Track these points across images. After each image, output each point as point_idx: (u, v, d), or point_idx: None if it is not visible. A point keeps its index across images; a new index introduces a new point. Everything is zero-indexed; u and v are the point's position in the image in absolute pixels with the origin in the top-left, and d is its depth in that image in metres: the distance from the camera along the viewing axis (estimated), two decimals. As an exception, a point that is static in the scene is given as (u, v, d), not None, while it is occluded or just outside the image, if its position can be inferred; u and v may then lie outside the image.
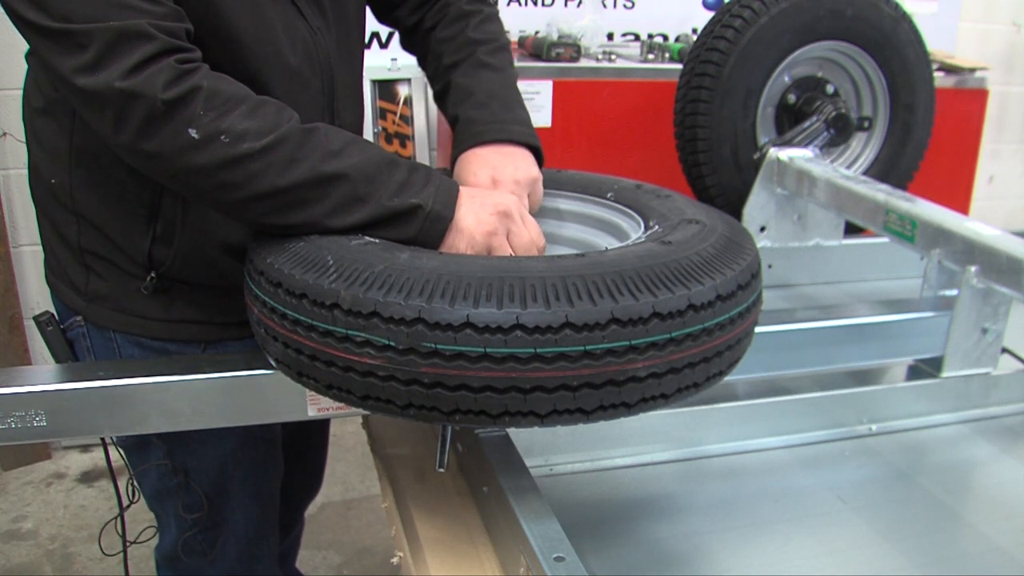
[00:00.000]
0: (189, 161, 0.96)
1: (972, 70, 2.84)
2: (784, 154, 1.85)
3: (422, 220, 1.02)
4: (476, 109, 1.27)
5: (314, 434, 1.75)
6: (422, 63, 1.44)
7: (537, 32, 2.76)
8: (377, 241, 0.99)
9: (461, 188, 1.07)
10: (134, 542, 1.42)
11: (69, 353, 1.26)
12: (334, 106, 1.26)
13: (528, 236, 1.09)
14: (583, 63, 2.56)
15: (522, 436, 1.16)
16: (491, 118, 1.25)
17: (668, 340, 0.88)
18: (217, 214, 1.18)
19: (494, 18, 1.39)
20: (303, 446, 1.71)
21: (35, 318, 1.25)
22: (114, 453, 1.36)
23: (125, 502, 1.37)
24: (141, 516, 1.44)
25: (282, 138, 0.98)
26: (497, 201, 1.08)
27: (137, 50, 0.94)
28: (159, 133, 0.95)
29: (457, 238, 1.04)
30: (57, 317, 1.29)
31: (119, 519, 1.38)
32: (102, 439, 1.25)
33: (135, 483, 1.37)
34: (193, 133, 0.95)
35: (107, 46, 0.94)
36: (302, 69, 1.18)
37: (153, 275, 1.20)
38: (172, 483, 1.33)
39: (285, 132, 0.98)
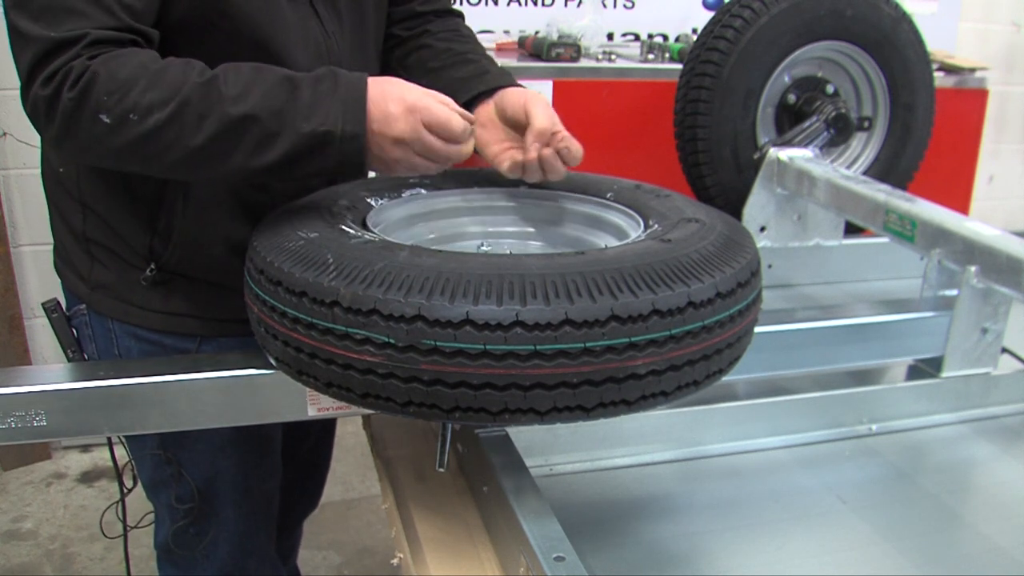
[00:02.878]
0: (110, 144, 1.01)
1: (972, 70, 2.84)
2: (784, 154, 1.85)
3: (337, 144, 1.03)
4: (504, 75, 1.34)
5: (317, 450, 1.76)
6: (410, 55, 1.45)
7: (537, 32, 2.76)
8: (376, 239, 0.99)
9: (369, 89, 1.05)
10: (134, 527, 1.43)
11: (72, 340, 1.28)
12: None
13: (443, 119, 1.07)
14: (583, 63, 2.55)
15: (522, 436, 1.16)
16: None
17: (668, 337, 0.88)
18: (216, 213, 1.20)
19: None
20: (305, 459, 1.72)
21: (43, 304, 1.28)
22: (118, 446, 1.38)
23: (125, 490, 1.39)
24: (143, 509, 1.45)
25: (185, 100, 1.00)
26: (404, 98, 1.06)
27: (60, 59, 0.99)
28: (78, 127, 1.00)
29: (376, 150, 1.05)
30: (65, 304, 1.30)
31: (120, 504, 1.40)
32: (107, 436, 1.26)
33: (134, 470, 1.39)
34: (105, 118, 0.99)
35: (42, 53, 0.99)
36: (312, 70, 1.19)
37: (153, 267, 1.22)
38: (165, 474, 1.34)
39: (186, 93, 1.00)
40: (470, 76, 1.33)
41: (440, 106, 1.07)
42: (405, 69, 1.43)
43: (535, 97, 1.25)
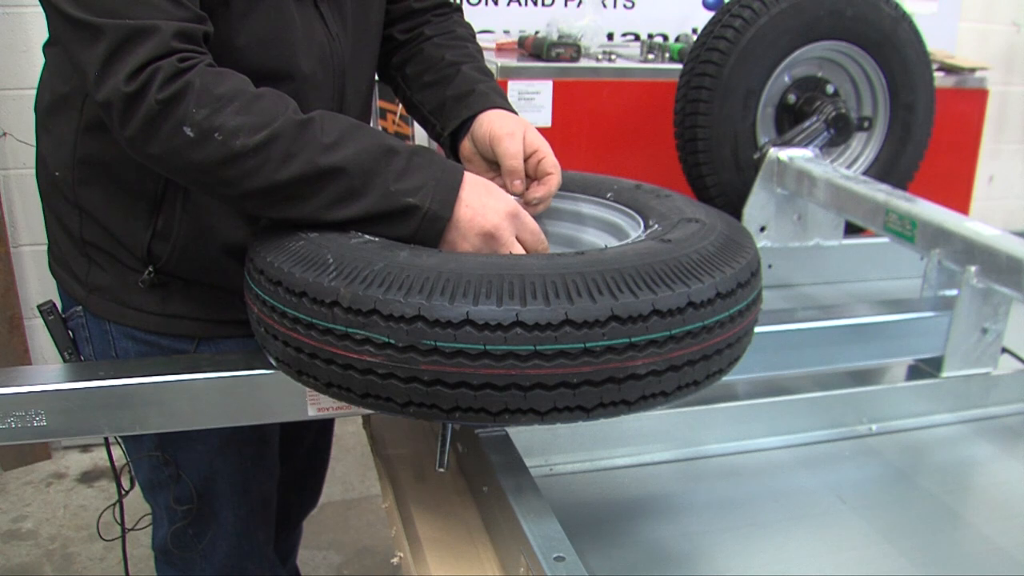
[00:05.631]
0: (188, 158, 0.98)
1: (972, 70, 2.84)
2: (784, 154, 1.85)
3: (419, 220, 1.01)
4: (500, 96, 1.30)
5: (316, 450, 1.76)
6: (408, 64, 1.43)
7: (537, 32, 2.76)
8: (376, 239, 0.99)
9: (465, 178, 1.05)
10: (132, 528, 1.43)
11: (69, 342, 1.28)
12: (343, 111, 1.26)
13: (537, 233, 1.08)
14: (583, 63, 2.55)
15: (522, 436, 1.16)
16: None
17: (668, 338, 0.88)
18: (216, 214, 1.19)
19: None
20: (304, 459, 1.72)
21: (38, 307, 1.27)
22: (115, 446, 1.37)
23: (123, 492, 1.39)
24: (141, 510, 1.45)
25: (277, 134, 0.97)
26: (507, 199, 1.06)
27: (142, 49, 0.95)
28: (158, 133, 0.97)
29: (455, 235, 1.03)
30: (61, 306, 1.30)
31: (118, 505, 1.39)
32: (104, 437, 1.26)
33: (132, 471, 1.38)
34: (188, 131, 0.96)
35: (118, 43, 0.95)
36: (315, 73, 1.19)
37: (151, 269, 1.21)
38: (163, 475, 1.34)
39: (279, 127, 0.98)
40: (458, 96, 1.31)
41: (533, 221, 1.08)
42: (404, 80, 1.42)
43: (502, 128, 1.21)
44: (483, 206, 1.04)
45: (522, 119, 1.24)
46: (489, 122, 1.23)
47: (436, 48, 1.39)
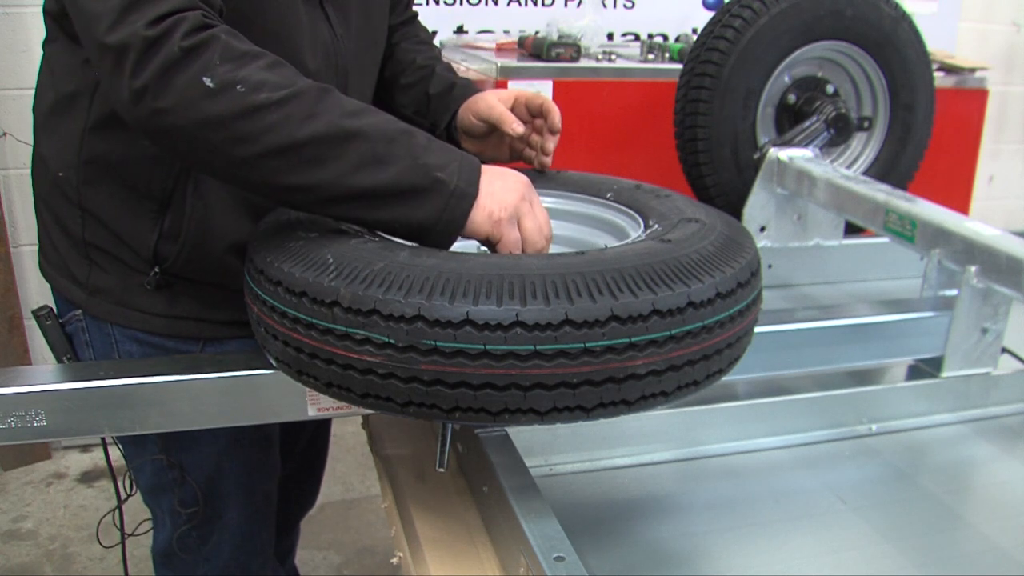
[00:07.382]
0: (201, 111, 0.93)
1: (972, 70, 2.84)
2: (784, 154, 1.85)
3: (446, 198, 0.98)
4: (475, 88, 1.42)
5: (313, 450, 1.76)
6: (383, 68, 1.50)
7: (537, 32, 2.76)
8: (376, 239, 0.99)
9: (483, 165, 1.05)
10: (132, 534, 1.43)
11: (68, 347, 1.27)
12: None
13: (543, 213, 1.09)
14: (583, 63, 2.55)
15: (522, 436, 1.16)
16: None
17: (668, 337, 0.88)
18: (223, 213, 1.19)
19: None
20: (302, 457, 1.72)
21: (34, 312, 1.26)
22: (113, 448, 1.37)
23: (123, 496, 1.38)
24: (140, 513, 1.44)
25: (300, 92, 0.95)
26: (519, 174, 1.06)
27: (167, 1, 0.94)
28: (173, 81, 0.92)
29: (488, 200, 1.01)
30: (56, 311, 1.29)
31: (117, 511, 1.39)
32: (102, 437, 1.25)
33: (132, 477, 1.38)
34: (208, 81, 0.92)
35: None
36: (319, 71, 1.20)
37: (157, 270, 1.21)
38: (168, 478, 1.33)
39: (303, 87, 0.96)
40: (441, 94, 1.43)
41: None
42: (381, 84, 1.46)
43: (475, 98, 1.35)
44: (503, 183, 1.04)
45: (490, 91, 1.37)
46: (467, 103, 1.35)
47: (406, 53, 1.48)
